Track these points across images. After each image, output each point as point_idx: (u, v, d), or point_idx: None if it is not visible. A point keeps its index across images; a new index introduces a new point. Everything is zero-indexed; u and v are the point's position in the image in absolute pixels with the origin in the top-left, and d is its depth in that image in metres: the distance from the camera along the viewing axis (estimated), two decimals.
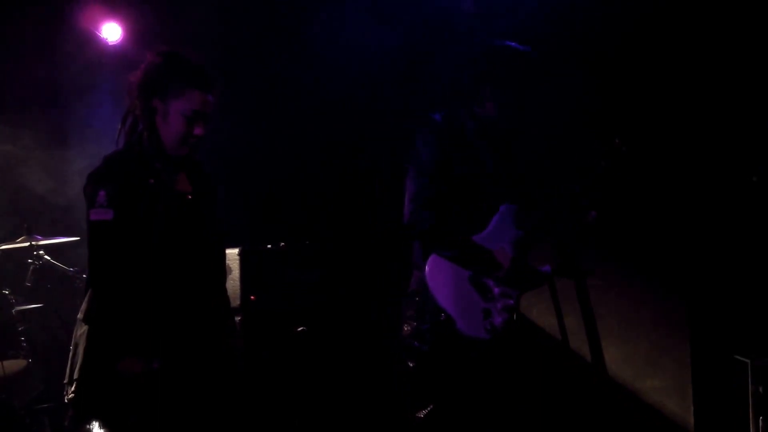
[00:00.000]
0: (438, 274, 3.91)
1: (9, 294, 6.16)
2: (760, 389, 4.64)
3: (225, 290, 3.96)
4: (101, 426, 3.55)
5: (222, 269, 3.97)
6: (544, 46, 5.48)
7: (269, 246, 6.04)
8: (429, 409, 3.91)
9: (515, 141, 4.13)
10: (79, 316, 3.68)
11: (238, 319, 5.67)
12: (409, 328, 4.00)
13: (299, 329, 5.89)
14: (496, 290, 3.88)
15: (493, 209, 3.98)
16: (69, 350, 3.73)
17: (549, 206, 3.97)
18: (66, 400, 3.66)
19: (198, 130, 3.67)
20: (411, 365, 3.98)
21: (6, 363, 5.80)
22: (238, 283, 5.80)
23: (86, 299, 3.66)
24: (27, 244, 6.23)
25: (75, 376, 3.61)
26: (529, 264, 3.96)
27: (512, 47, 4.03)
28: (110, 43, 6.83)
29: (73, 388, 3.62)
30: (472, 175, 3.99)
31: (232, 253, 5.80)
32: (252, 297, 5.81)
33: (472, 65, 4.11)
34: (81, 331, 3.65)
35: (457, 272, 3.90)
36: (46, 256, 6.32)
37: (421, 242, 3.99)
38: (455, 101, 4.13)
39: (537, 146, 4.27)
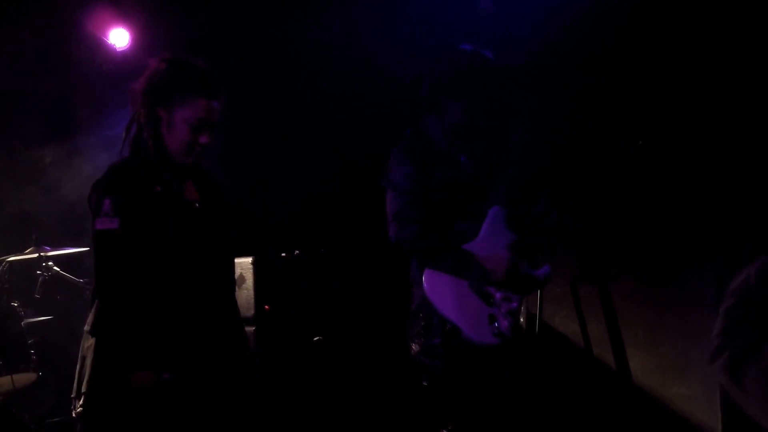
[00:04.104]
0: (437, 287, 3.87)
1: (18, 306, 6.10)
2: None
3: (234, 300, 3.89)
4: None
5: (231, 279, 3.90)
6: (563, 45, 5.46)
7: (283, 254, 5.96)
8: (450, 427, 3.84)
9: (490, 142, 4.09)
10: (86, 328, 3.62)
11: (252, 329, 5.59)
12: (417, 346, 3.96)
13: (315, 339, 5.81)
14: (498, 295, 3.84)
15: (482, 214, 3.95)
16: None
17: (534, 206, 3.95)
18: (74, 415, 3.60)
19: (203, 139, 3.62)
20: (425, 384, 3.92)
21: (16, 376, 5.72)
22: (252, 292, 5.71)
23: (93, 311, 3.60)
24: (36, 255, 6.19)
25: (83, 390, 3.55)
26: (525, 269, 3.91)
27: (463, 51, 4.03)
28: (118, 49, 6.80)
29: (81, 402, 3.55)
30: (453, 182, 3.98)
31: (246, 261, 5.73)
32: (266, 307, 5.72)
33: (427, 74, 4.12)
34: (88, 343, 3.59)
35: (457, 282, 3.87)
36: (55, 268, 6.27)
37: (412, 258, 3.93)
38: (422, 112, 4.12)
39: (515, 146, 4.23)
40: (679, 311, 5.31)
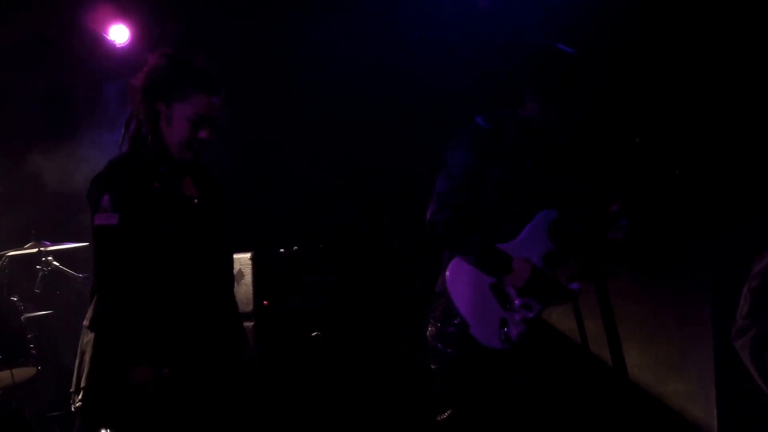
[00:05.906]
0: (459, 278, 3.83)
1: (18, 301, 6.12)
2: None
3: (233, 295, 3.87)
4: None
5: (230, 275, 3.88)
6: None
7: (282, 250, 5.96)
8: (448, 413, 3.83)
9: (558, 145, 4.02)
10: (85, 323, 3.60)
11: (251, 324, 5.59)
12: (433, 328, 3.91)
13: (314, 334, 5.81)
14: (517, 301, 3.77)
15: (529, 216, 3.88)
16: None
17: (583, 218, 3.87)
18: (73, 409, 3.59)
19: (203, 134, 3.59)
20: (433, 367, 3.89)
21: (15, 371, 5.74)
22: (250, 287, 5.72)
23: (92, 306, 3.58)
24: (35, 250, 6.19)
25: (82, 385, 3.54)
26: (556, 279, 3.86)
27: (556, 48, 3.94)
28: (118, 46, 6.80)
29: (80, 397, 3.54)
30: (508, 180, 3.87)
31: (245, 257, 5.72)
32: (265, 302, 5.73)
33: (516, 66, 4.06)
34: (87, 338, 3.57)
35: (479, 278, 3.81)
36: (54, 262, 6.28)
37: (440, 243, 3.90)
38: (499, 103, 4.05)
39: (580, 150, 4.19)
40: (676, 309, 5.32)
